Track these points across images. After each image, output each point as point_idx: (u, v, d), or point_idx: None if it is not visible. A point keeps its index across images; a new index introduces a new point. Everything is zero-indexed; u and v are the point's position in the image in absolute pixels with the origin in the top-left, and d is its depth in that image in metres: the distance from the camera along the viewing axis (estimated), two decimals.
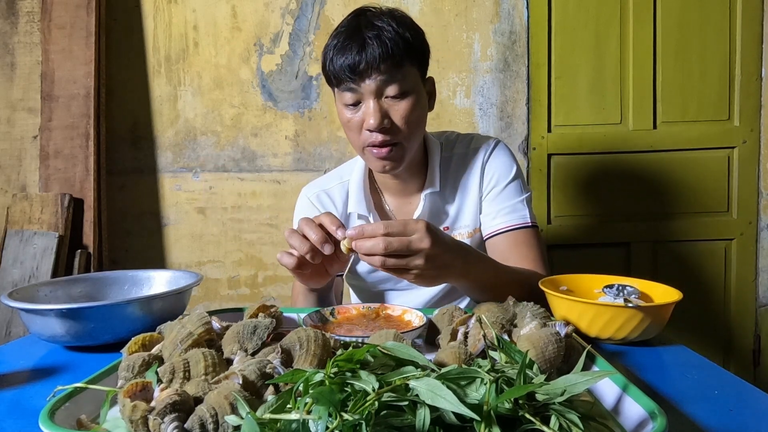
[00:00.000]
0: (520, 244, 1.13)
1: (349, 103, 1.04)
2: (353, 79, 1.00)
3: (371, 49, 0.97)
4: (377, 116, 1.00)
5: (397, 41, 0.99)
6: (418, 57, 1.05)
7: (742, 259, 2.05)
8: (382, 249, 0.78)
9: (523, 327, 0.71)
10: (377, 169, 1.11)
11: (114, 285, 1.04)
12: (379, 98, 1.02)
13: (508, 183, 1.17)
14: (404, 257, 0.80)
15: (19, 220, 1.89)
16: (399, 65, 1.00)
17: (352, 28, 1.01)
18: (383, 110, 1.02)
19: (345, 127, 1.09)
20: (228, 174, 2.06)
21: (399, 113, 1.03)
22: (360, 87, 1.01)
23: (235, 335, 0.66)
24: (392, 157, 1.05)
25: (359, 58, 0.98)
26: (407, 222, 0.80)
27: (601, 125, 2.01)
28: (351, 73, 0.99)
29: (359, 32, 0.99)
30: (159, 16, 2.02)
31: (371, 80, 0.99)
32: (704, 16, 1.98)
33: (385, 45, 0.98)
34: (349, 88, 1.02)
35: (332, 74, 1.03)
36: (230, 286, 2.09)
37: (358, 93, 1.02)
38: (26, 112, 1.99)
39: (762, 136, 2.01)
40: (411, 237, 0.79)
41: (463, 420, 0.44)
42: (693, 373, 0.70)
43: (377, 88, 1.00)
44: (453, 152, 1.21)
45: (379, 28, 0.99)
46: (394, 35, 0.99)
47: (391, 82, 1.00)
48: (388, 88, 1.01)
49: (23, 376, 0.75)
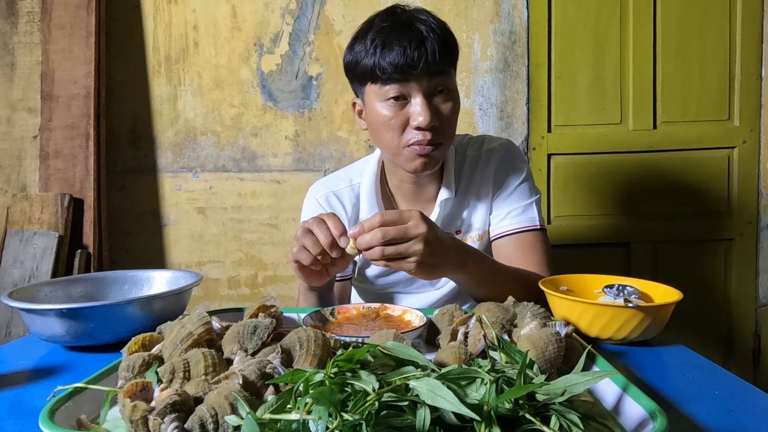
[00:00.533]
0: (526, 247, 1.12)
1: (393, 97, 0.98)
2: (405, 75, 0.95)
3: (431, 44, 0.94)
4: (429, 114, 0.97)
5: (448, 38, 0.98)
6: (456, 59, 1.04)
7: (742, 259, 2.05)
8: (380, 238, 0.80)
9: (523, 327, 0.71)
10: (413, 169, 1.05)
11: (114, 285, 1.04)
12: (430, 96, 0.99)
13: (518, 185, 1.16)
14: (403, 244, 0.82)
15: (19, 220, 1.89)
16: (449, 63, 0.99)
17: (402, 23, 0.97)
18: (434, 108, 0.99)
19: (380, 126, 1.02)
20: (228, 174, 2.06)
21: (446, 112, 1.01)
22: (409, 83, 0.97)
23: (235, 335, 0.66)
24: (434, 156, 1.02)
25: (417, 54, 0.94)
26: (401, 211, 0.83)
27: (601, 125, 2.01)
28: (406, 69, 0.95)
29: (412, 26, 0.96)
30: (159, 16, 2.02)
31: (425, 77, 0.96)
32: (704, 16, 1.98)
33: (441, 40, 0.96)
34: (398, 83, 0.97)
35: (377, 69, 0.97)
36: (230, 286, 2.09)
37: (406, 89, 0.98)
38: (26, 112, 1.99)
39: (762, 136, 2.01)
40: (407, 224, 0.82)
41: (463, 420, 0.44)
42: (693, 373, 0.70)
43: (430, 85, 0.97)
44: (465, 155, 1.19)
45: (429, 23, 0.97)
46: (444, 31, 0.98)
47: (442, 80, 0.98)
48: (439, 86, 0.99)
49: (23, 376, 0.75)
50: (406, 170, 1.07)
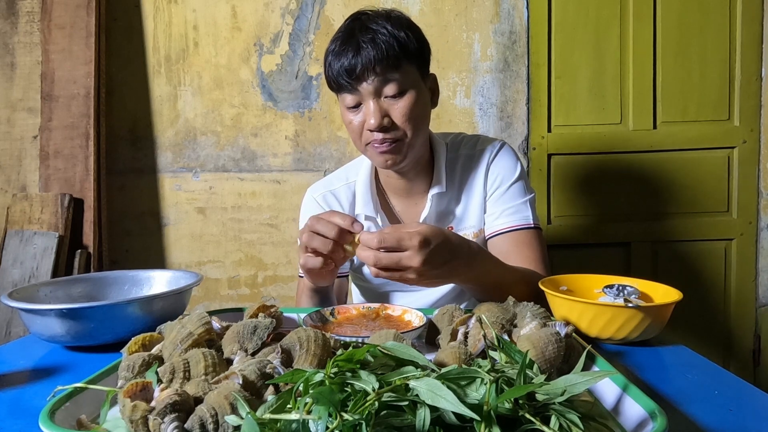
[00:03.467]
0: (521, 245, 1.13)
1: (350, 106, 1.06)
2: (351, 83, 1.03)
3: (365, 53, 1.00)
4: (377, 116, 1.02)
5: (391, 42, 1.01)
6: (416, 55, 1.06)
7: (742, 259, 2.05)
8: (372, 263, 0.81)
9: (523, 327, 0.71)
10: (380, 165, 1.11)
11: (114, 285, 1.04)
12: (378, 98, 1.04)
13: (512, 184, 1.17)
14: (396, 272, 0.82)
15: (19, 220, 1.89)
16: (395, 65, 1.02)
17: (347, 33, 1.04)
18: (383, 110, 1.04)
19: (348, 129, 1.11)
20: (228, 174, 2.06)
21: (398, 111, 1.04)
22: (359, 89, 1.03)
23: (235, 335, 0.66)
24: (393, 151, 1.06)
25: (354, 62, 1.00)
26: (402, 236, 0.79)
27: (601, 125, 2.01)
28: (348, 77, 1.02)
29: (354, 37, 1.02)
30: (159, 16, 2.02)
31: (368, 82, 1.02)
32: (704, 16, 1.98)
33: (379, 47, 1.00)
34: (349, 91, 1.04)
35: (332, 79, 1.06)
36: (230, 286, 2.09)
37: (357, 95, 1.04)
38: (26, 112, 1.99)
39: (762, 136, 2.01)
40: (402, 254, 0.79)
41: (463, 420, 0.44)
42: (693, 373, 0.70)
43: (375, 89, 1.03)
44: (458, 153, 1.21)
45: (373, 31, 1.02)
46: (388, 37, 1.01)
47: (388, 82, 1.02)
48: (386, 88, 1.03)
49: (23, 376, 0.75)
50: (377, 166, 1.14)
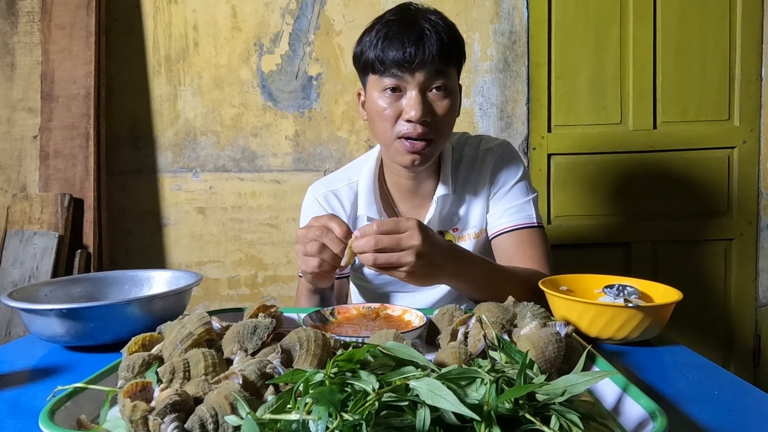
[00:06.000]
0: (525, 244, 1.13)
1: (390, 88, 1.02)
2: (403, 69, 0.99)
3: (430, 42, 0.98)
4: (421, 108, 0.99)
5: (451, 39, 1.01)
6: (460, 60, 1.07)
7: (742, 259, 2.05)
8: (372, 246, 0.81)
9: (523, 327, 0.71)
10: (404, 163, 1.07)
11: (114, 285, 1.04)
12: (424, 91, 1.02)
13: (515, 183, 1.17)
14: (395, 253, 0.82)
15: (19, 220, 1.89)
16: (449, 62, 1.02)
17: (407, 19, 1.01)
18: (428, 103, 1.02)
19: (376, 117, 1.05)
20: (228, 174, 2.06)
21: (441, 109, 1.03)
22: (406, 77, 1.00)
23: (235, 335, 0.66)
24: (425, 152, 1.05)
25: (415, 50, 0.97)
26: (399, 220, 0.83)
27: (601, 125, 2.01)
28: (404, 63, 0.98)
29: (416, 23, 0.99)
30: (159, 16, 2.02)
31: (422, 72, 0.99)
32: (704, 16, 1.98)
33: (442, 40, 0.99)
34: (394, 76, 1.00)
35: (377, 60, 1.01)
36: (230, 286, 2.09)
37: (402, 82, 1.01)
38: (26, 112, 1.99)
39: (762, 136, 2.01)
40: (401, 234, 0.82)
41: (463, 420, 0.44)
42: (693, 373, 0.70)
43: (425, 81, 1.00)
44: (462, 154, 1.21)
45: (434, 23, 1.00)
46: (448, 32, 1.01)
47: (439, 78, 1.01)
48: (436, 83, 1.01)
49: (23, 376, 0.75)
50: (398, 164, 1.09)
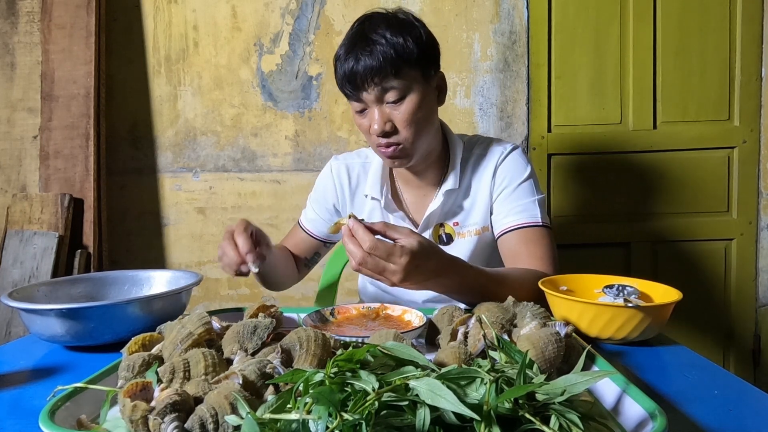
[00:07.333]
0: (529, 242, 1.13)
1: (357, 111, 1.11)
2: (354, 90, 1.06)
3: (363, 63, 1.03)
4: (379, 122, 1.07)
5: (388, 52, 1.02)
6: (418, 58, 1.06)
7: (742, 259, 2.05)
8: (356, 261, 0.82)
9: (523, 327, 0.71)
10: (388, 165, 1.20)
11: (114, 285, 1.04)
12: (380, 105, 1.07)
13: (521, 183, 1.18)
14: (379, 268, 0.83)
15: (19, 220, 1.89)
16: (394, 73, 1.03)
17: (351, 42, 1.06)
18: (385, 115, 1.07)
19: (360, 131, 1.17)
20: (228, 174, 2.06)
21: (400, 116, 1.07)
22: (363, 95, 1.07)
23: (235, 335, 0.66)
24: (398, 156, 1.11)
25: (354, 72, 1.04)
26: (393, 252, 0.81)
27: (601, 125, 2.01)
28: (350, 85, 1.06)
29: (355, 46, 1.05)
30: (159, 16, 2.02)
31: (369, 91, 1.05)
32: (704, 16, 1.98)
33: (376, 58, 1.02)
34: (354, 98, 1.08)
35: (341, 88, 1.10)
36: (230, 286, 2.09)
37: (364, 103, 1.08)
38: (26, 112, 1.99)
39: (762, 136, 2.01)
40: (387, 265, 0.82)
41: (463, 420, 0.44)
42: (693, 373, 0.70)
43: (376, 96, 1.06)
44: (472, 152, 1.24)
45: (372, 41, 1.03)
46: (385, 46, 1.03)
47: (387, 91, 1.05)
48: (387, 95, 1.06)
49: (23, 376, 0.75)
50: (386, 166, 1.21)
